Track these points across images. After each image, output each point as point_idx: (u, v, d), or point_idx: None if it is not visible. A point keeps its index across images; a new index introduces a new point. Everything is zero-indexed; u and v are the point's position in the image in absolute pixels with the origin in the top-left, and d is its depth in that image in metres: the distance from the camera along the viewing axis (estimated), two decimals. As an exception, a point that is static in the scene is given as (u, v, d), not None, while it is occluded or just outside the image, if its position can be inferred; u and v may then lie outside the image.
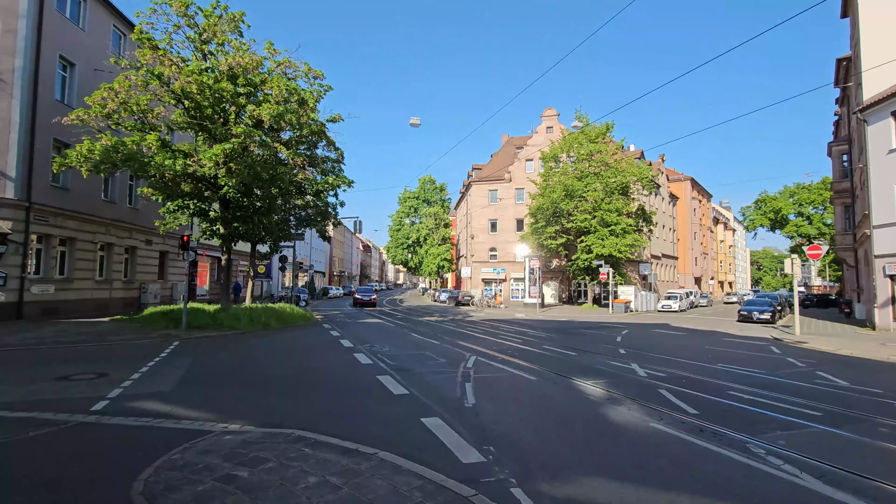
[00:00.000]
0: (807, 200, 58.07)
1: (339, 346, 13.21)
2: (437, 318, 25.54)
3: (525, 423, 6.16)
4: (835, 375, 9.99)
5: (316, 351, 12.66)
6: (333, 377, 9.11)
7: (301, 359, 11.40)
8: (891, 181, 18.48)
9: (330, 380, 8.85)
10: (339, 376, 9.19)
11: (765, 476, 4.53)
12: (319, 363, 10.76)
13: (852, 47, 23.44)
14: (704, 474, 4.62)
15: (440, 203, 70.50)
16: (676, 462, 4.90)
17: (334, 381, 8.77)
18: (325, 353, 12.15)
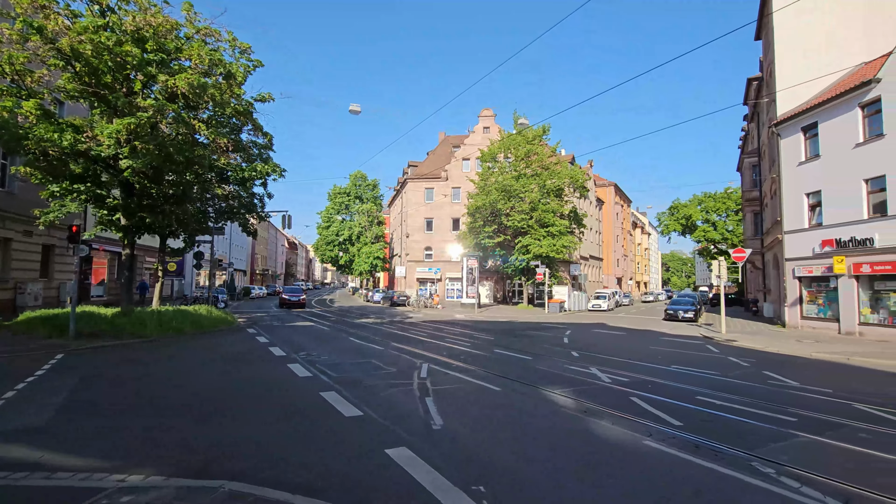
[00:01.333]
0: (713, 208, 63.71)
1: (270, 356, 11.55)
2: (375, 319, 24.14)
3: (511, 450, 5.26)
4: (781, 375, 10.23)
5: (242, 362, 10.90)
6: (267, 396, 7.62)
7: (224, 373, 9.65)
8: (800, 191, 20.14)
9: (263, 400, 7.35)
10: (274, 395, 7.73)
11: (784, 500, 4.05)
12: (248, 378, 9.13)
13: (765, 67, 25.48)
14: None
15: (373, 200, 68.36)
16: (700, 493, 4.24)
17: (268, 401, 7.30)
18: (254, 365, 10.48)
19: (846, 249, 17.67)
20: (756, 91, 29.50)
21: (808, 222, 19.83)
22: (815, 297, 19.74)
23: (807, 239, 19.64)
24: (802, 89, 20.35)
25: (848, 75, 20.21)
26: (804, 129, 20.06)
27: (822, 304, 19.42)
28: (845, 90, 17.98)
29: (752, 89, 31.99)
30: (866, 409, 7.38)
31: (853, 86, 17.69)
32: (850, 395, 8.45)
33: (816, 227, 19.33)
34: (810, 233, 19.54)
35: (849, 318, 17.80)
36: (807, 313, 19.96)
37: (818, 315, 19.46)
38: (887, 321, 16.72)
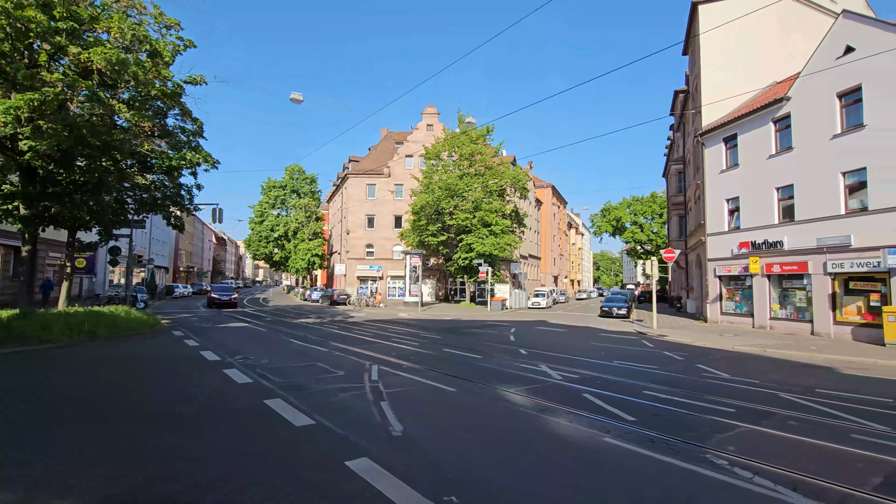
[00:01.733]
0: (640, 211, 67.98)
1: (202, 361, 10.58)
2: (315, 319, 23.16)
3: (477, 455, 5.07)
4: (712, 367, 10.94)
5: (170, 369, 9.89)
6: (202, 407, 6.89)
7: (150, 382, 8.68)
8: (721, 196, 21.86)
9: (198, 412, 6.63)
10: (211, 405, 7.01)
11: (754, 496, 4.20)
12: (178, 387, 8.26)
13: (692, 81, 27.42)
14: (700, 499, 4.10)
15: (311, 195, 65.97)
16: (668, 491, 4.28)
17: (205, 412, 6.59)
18: (185, 372, 9.53)
19: (760, 251, 19.41)
20: (682, 103, 31.71)
21: (727, 226, 21.58)
22: (733, 295, 21.53)
23: (726, 241, 21.36)
24: (725, 102, 22.09)
25: (762, 92, 22.23)
26: (725, 140, 21.79)
27: (738, 301, 21.22)
28: (760, 106, 19.72)
29: (678, 101, 34.36)
30: (789, 398, 8.01)
31: (767, 102, 19.44)
32: (773, 384, 9.18)
33: (735, 230, 21.07)
34: (729, 235, 21.27)
35: (761, 314, 19.57)
36: (726, 309, 21.73)
37: (735, 311, 21.24)
38: (793, 316, 18.56)
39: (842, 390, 8.72)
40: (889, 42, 14.97)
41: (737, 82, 22.42)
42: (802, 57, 19.65)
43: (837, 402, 7.78)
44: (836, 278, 16.75)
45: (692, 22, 25.44)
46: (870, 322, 15.70)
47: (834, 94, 16.76)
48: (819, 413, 7.04)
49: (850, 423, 6.57)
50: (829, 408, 7.35)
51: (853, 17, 16.34)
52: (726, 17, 22.98)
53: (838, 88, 16.62)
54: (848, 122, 16.47)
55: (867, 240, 15.51)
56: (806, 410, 7.19)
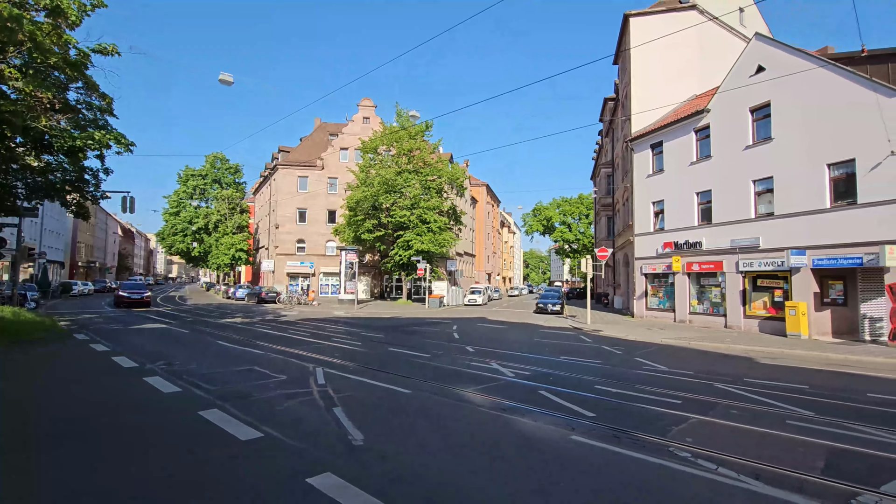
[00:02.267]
0: (569, 212, 71.31)
1: (116, 369, 9.29)
2: (243, 319, 21.57)
3: (448, 462, 4.77)
4: (649, 360, 11.51)
5: (75, 380, 8.54)
6: (122, 423, 5.91)
7: (50, 397, 7.39)
8: (648, 199, 23.32)
9: (114, 431, 5.65)
10: (131, 421, 6.05)
11: (722, 487, 4.30)
12: (87, 401, 7.10)
13: (622, 90, 28.99)
14: (682, 498, 4.10)
15: (235, 186, 61.80)
16: (643, 488, 4.25)
17: (126, 429, 5.64)
18: (94, 383, 8.27)
19: (682, 251, 20.93)
20: (612, 109, 33.50)
21: (653, 227, 23.06)
22: (657, 291, 23.08)
23: (652, 241, 22.83)
24: (653, 109, 23.57)
25: (685, 103, 23.98)
26: (652, 147, 23.25)
27: (661, 297, 22.78)
28: (684, 116, 21.24)
29: (607, 108, 36.26)
30: (723, 388, 8.55)
31: (689, 113, 20.98)
32: (706, 375, 9.80)
33: (660, 231, 22.56)
34: (655, 236, 22.74)
35: (682, 309, 21.13)
36: (650, 305, 23.24)
37: (659, 306, 22.78)
38: (709, 311, 20.23)
39: (764, 378, 9.49)
40: (794, 64, 16.69)
41: (663, 92, 24.04)
42: (719, 72, 21.45)
43: (765, 390, 8.43)
44: (746, 276, 18.47)
45: (623, 33, 26.90)
46: (774, 315, 17.47)
47: (747, 108, 18.42)
48: (753, 402, 7.55)
49: (782, 409, 7.09)
50: (760, 396, 7.92)
51: (764, 41, 18.04)
52: (655, 30, 24.52)
53: (750, 104, 18.28)
54: (758, 135, 18.17)
55: (773, 241, 17.22)
56: (742, 399, 7.68)
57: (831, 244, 15.45)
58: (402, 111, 36.51)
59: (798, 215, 16.48)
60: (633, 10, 25.23)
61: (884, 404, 7.56)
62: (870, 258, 14.37)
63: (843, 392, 8.40)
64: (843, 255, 15.14)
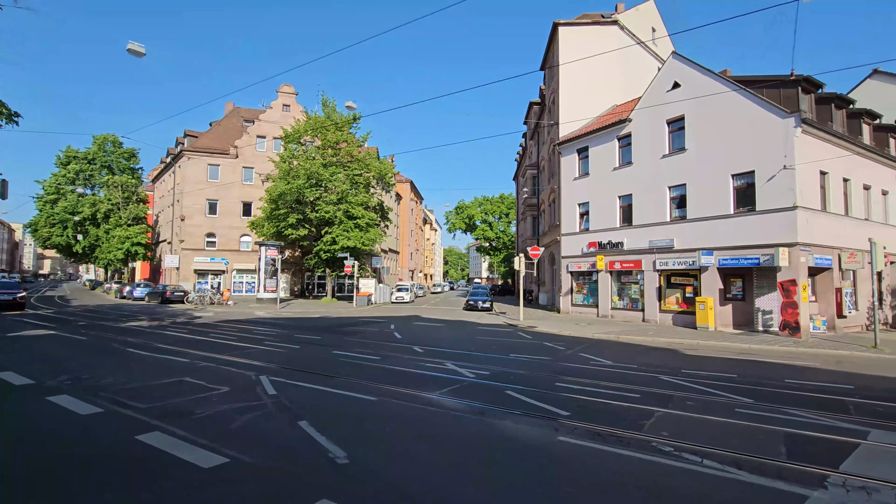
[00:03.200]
0: (490, 211, 73.32)
1: (7, 387, 7.63)
2: (151, 322, 19.16)
3: (448, 478, 4.46)
4: (592, 355, 12.03)
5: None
6: (41, 461, 4.78)
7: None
8: (575, 201, 24.57)
9: (39, 469, 4.55)
10: (55, 454, 4.93)
11: (716, 480, 4.50)
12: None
13: (549, 96, 30.20)
14: (678, 491, 4.19)
15: (129, 172, 55.09)
16: (645, 487, 4.28)
17: (49, 470, 4.56)
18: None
19: (605, 250, 22.33)
20: (538, 113, 34.86)
21: (578, 227, 24.35)
22: (582, 288, 24.42)
23: (578, 241, 24.09)
24: (580, 114, 24.89)
25: (606, 112, 25.59)
26: (579, 151, 24.52)
27: (586, 294, 24.14)
28: (608, 124, 22.65)
29: (532, 111, 37.68)
30: (668, 380, 9.13)
31: (613, 122, 22.42)
32: (647, 368, 10.43)
33: (585, 231, 23.88)
34: (580, 236, 24.03)
35: (604, 304, 22.56)
36: (576, 301, 24.54)
37: (583, 302, 24.12)
38: (629, 306, 21.81)
39: (697, 369, 10.32)
40: (705, 83, 18.49)
41: (589, 100, 25.48)
42: (636, 83, 23.18)
43: (704, 380, 9.13)
44: (662, 274, 20.16)
45: (552, 41, 28.04)
46: (685, 310, 19.27)
47: (664, 120, 20.08)
48: (699, 392, 8.13)
49: (727, 398, 7.70)
50: (702, 386, 8.56)
51: (680, 59, 19.77)
52: (582, 40, 25.89)
53: (667, 116, 19.95)
54: (673, 145, 19.89)
55: (686, 243, 18.97)
56: (688, 390, 8.23)
57: (734, 246, 17.36)
58: (328, 100, 34.95)
59: (707, 219, 18.31)
60: (562, 20, 26.40)
61: (803, 389, 8.54)
62: (766, 258, 16.36)
63: (767, 380, 9.38)
64: (744, 256, 17.08)
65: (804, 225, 15.84)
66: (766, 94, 17.15)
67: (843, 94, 18.91)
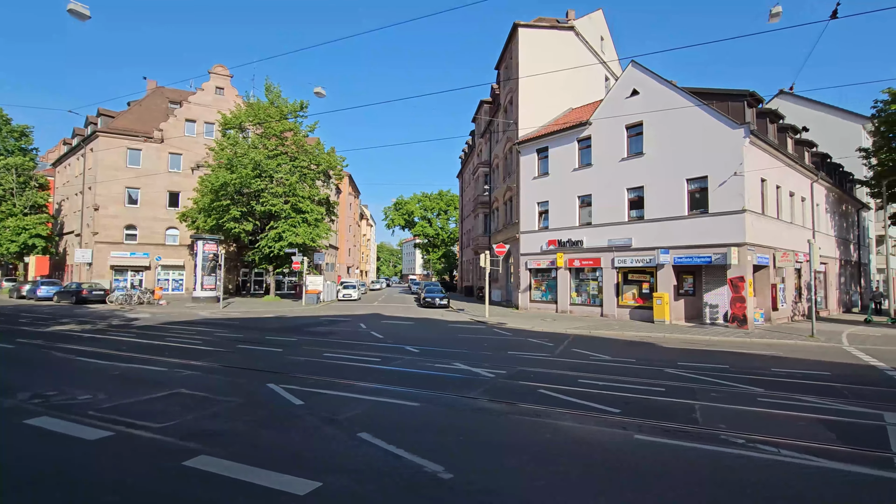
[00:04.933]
0: (430, 207, 73.19)
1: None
2: (80, 325, 16.66)
3: (560, 485, 4.22)
4: (586, 350, 12.30)
5: None
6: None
7: None
8: (534, 200, 25.15)
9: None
10: (107, 500, 3.97)
11: (800, 469, 4.70)
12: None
13: (504, 96, 30.53)
14: (780, 484, 4.28)
15: (22, 153, 47.76)
16: (763, 484, 4.34)
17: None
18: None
19: (564, 248, 23.09)
20: (489, 112, 35.24)
21: (537, 225, 24.97)
22: (540, 285, 25.09)
23: (537, 238, 24.70)
24: (538, 116, 25.50)
25: (563, 115, 26.46)
26: (538, 151, 25.12)
27: (544, 290, 24.84)
28: (568, 126, 23.41)
29: (482, 110, 38.04)
30: (673, 372, 9.53)
31: (573, 124, 23.22)
32: (647, 362, 10.82)
33: (544, 229, 24.54)
34: (539, 234, 24.66)
35: (563, 300, 23.35)
36: (534, 297, 25.16)
37: (542, 299, 24.80)
38: (587, 302, 22.76)
39: (692, 361, 10.91)
40: (663, 92, 19.71)
41: (546, 101, 26.19)
42: (588, 88, 24.24)
43: (706, 372, 9.64)
44: (619, 271, 21.25)
45: (511, 41, 28.43)
46: (641, 305, 20.48)
47: (623, 125, 21.14)
48: (713, 383, 8.55)
49: (741, 388, 8.18)
50: (710, 377, 9.03)
51: (639, 68, 20.90)
52: (541, 42, 26.50)
53: (626, 122, 21.02)
54: (632, 149, 21.01)
55: (643, 242, 20.14)
56: (701, 382, 8.64)
57: (688, 245, 18.72)
58: (273, 86, 32.73)
59: (663, 220, 19.56)
60: (521, 22, 26.85)
61: (793, 377, 9.32)
62: (717, 257, 17.81)
63: (756, 369, 10.14)
64: (697, 255, 18.48)
65: (750, 227, 17.45)
66: (716, 106, 18.64)
67: (776, 110, 21.12)
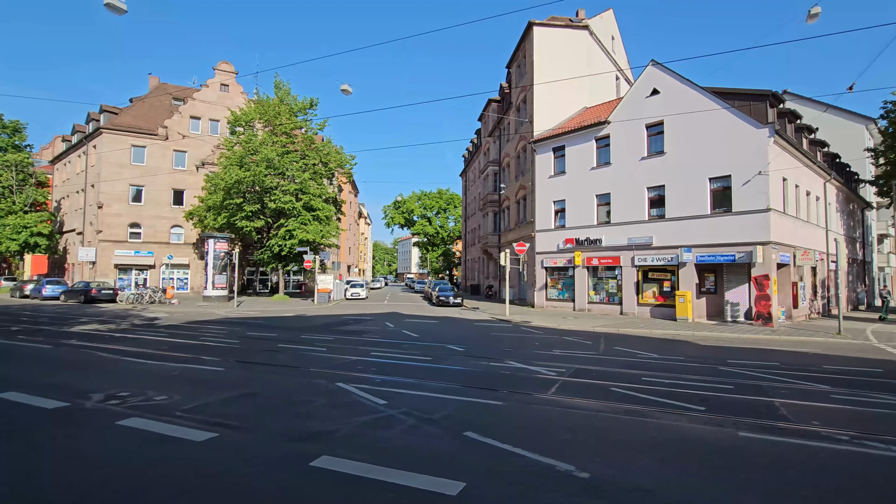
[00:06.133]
0: (429, 206, 73.05)
1: (39, 414, 5.97)
2: (102, 325, 16.36)
3: (693, 481, 4.22)
4: (628, 348, 12.36)
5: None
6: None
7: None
8: (550, 198, 25.19)
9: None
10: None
11: None
12: (116, 478, 4.31)
13: (517, 92, 30.54)
14: None
15: (16, 150, 46.80)
16: (881, 479, 4.39)
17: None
18: (68, 443, 5.13)
19: (582, 247, 23.17)
20: (500, 110, 35.22)
21: (554, 224, 25.01)
22: (556, 283, 25.15)
23: (553, 237, 24.76)
24: (551, 115, 25.61)
25: (578, 114, 26.54)
26: (555, 150, 25.16)
27: (561, 289, 24.91)
28: (587, 125, 23.47)
29: (490, 108, 38.01)
30: (731, 370, 9.58)
31: (591, 123, 23.28)
32: (695, 360, 10.89)
33: (560, 228, 24.59)
34: (556, 232, 24.71)
35: (581, 299, 23.44)
36: (550, 296, 25.22)
37: (559, 297, 24.87)
38: (605, 300, 22.86)
39: (739, 359, 10.99)
40: (684, 92, 19.84)
41: (561, 100, 26.22)
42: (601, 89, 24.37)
43: (761, 369, 9.73)
44: (639, 270, 21.37)
45: (524, 39, 28.42)
46: (662, 303, 20.62)
47: (643, 124, 21.24)
48: (775, 380, 8.64)
49: (806, 385, 8.27)
50: (767, 374, 9.12)
51: (659, 68, 21.00)
52: (555, 41, 26.53)
53: (647, 121, 21.12)
54: (652, 148, 21.13)
55: (664, 240, 20.26)
56: (762, 379, 8.72)
57: (711, 244, 18.87)
58: (282, 83, 32.43)
59: (685, 219, 19.70)
60: (536, 20, 26.87)
61: (849, 374, 9.45)
62: (741, 255, 17.99)
63: (809, 366, 10.25)
64: (720, 253, 18.64)
65: (774, 225, 17.64)
66: (738, 105, 18.80)
67: (794, 110, 21.36)
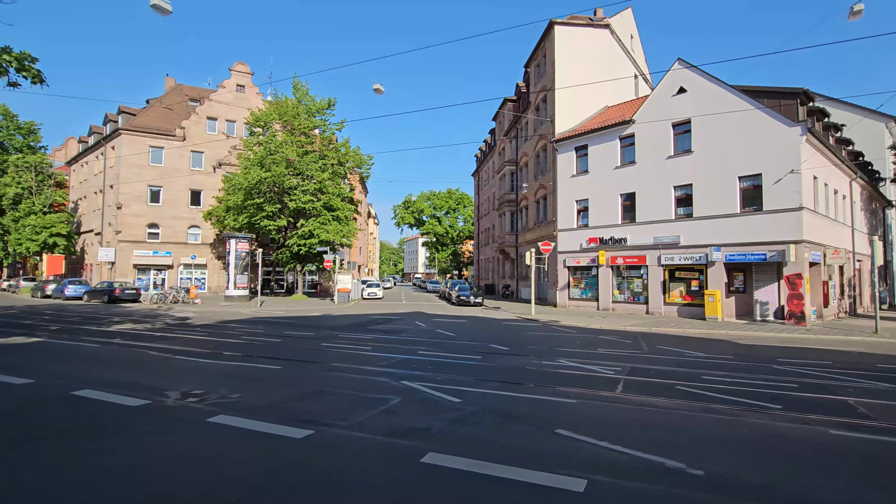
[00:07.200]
0: (439, 205, 73.10)
1: (120, 410, 6.04)
2: (137, 324, 16.49)
3: (810, 487, 4.23)
4: (672, 347, 12.34)
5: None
6: None
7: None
8: (572, 198, 25.17)
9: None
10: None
11: None
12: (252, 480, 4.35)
13: (537, 92, 30.48)
14: None
15: (30, 151, 47.16)
16: None
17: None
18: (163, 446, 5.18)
19: (606, 246, 23.14)
20: (516, 109, 35.19)
21: (576, 223, 25.00)
22: (579, 283, 25.14)
23: (576, 236, 24.74)
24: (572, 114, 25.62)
25: (600, 112, 26.50)
26: (577, 149, 25.13)
27: (584, 288, 24.89)
28: (610, 124, 23.43)
29: (505, 107, 37.99)
30: (784, 369, 9.57)
31: (615, 122, 23.24)
32: (745, 359, 10.86)
33: (583, 227, 24.57)
34: (579, 231, 24.69)
35: (605, 298, 23.41)
36: (573, 295, 25.20)
37: (582, 296, 24.85)
38: (629, 299, 22.83)
39: (787, 357, 10.96)
40: (712, 91, 19.77)
41: (583, 98, 26.16)
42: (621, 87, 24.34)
43: (816, 368, 9.70)
44: (666, 269, 21.32)
45: (545, 38, 28.39)
46: (690, 302, 20.57)
47: (670, 123, 21.18)
48: (836, 379, 8.62)
49: (868, 384, 8.25)
50: (824, 373, 9.11)
51: (685, 66, 20.95)
52: (576, 40, 26.49)
53: (673, 119, 21.07)
54: (679, 147, 21.07)
55: (692, 239, 20.21)
56: (824, 378, 8.70)
57: (740, 243, 18.82)
58: (301, 83, 32.53)
59: (713, 218, 19.65)
60: (558, 19, 26.84)
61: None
62: (772, 254, 17.92)
63: (861, 365, 10.23)
64: (750, 252, 18.58)
65: (807, 224, 17.57)
66: (767, 103, 18.73)
67: (823, 108, 21.26)
